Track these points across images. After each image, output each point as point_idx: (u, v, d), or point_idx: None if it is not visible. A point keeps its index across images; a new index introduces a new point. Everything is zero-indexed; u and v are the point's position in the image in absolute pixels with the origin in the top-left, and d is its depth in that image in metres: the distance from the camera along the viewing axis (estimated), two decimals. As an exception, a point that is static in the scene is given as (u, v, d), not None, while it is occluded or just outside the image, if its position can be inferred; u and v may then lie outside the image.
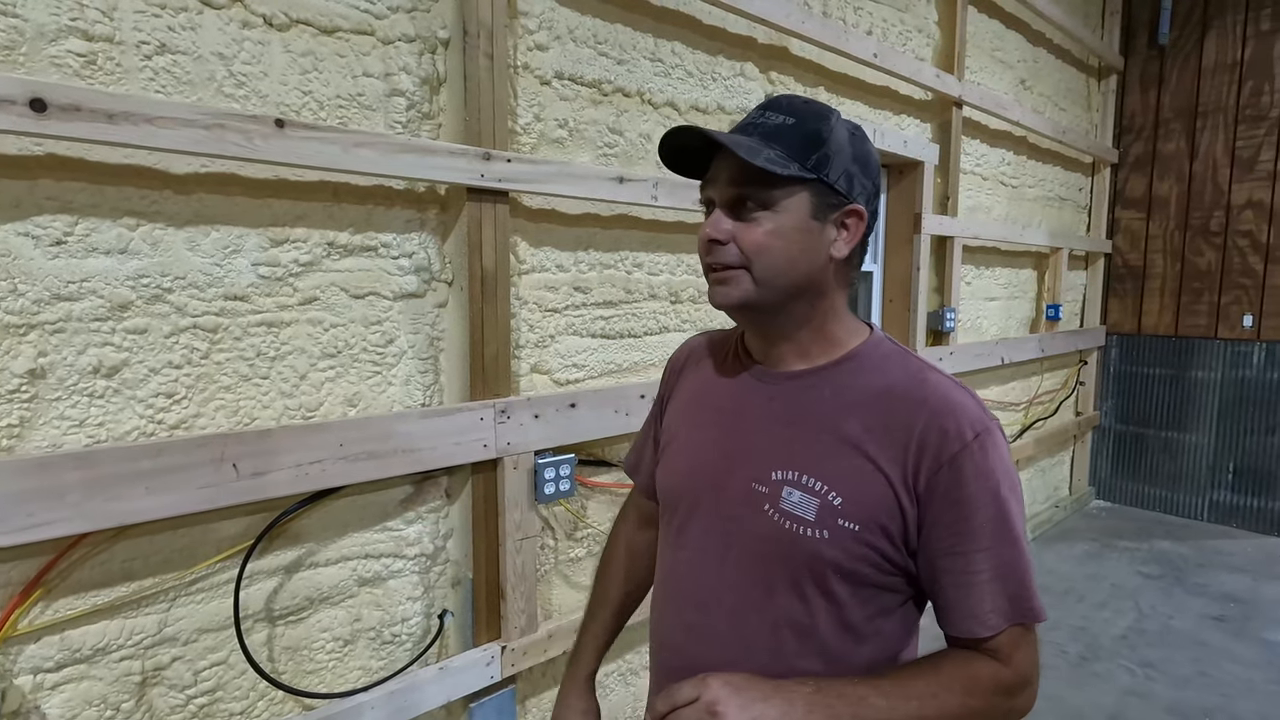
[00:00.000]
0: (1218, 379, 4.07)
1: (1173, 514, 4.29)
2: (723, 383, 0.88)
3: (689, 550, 0.84)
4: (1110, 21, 4.17)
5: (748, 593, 0.79)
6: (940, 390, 0.75)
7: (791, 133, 0.75)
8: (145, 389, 1.16)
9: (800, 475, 0.75)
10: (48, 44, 1.04)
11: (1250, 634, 2.88)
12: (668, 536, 0.89)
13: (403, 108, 1.41)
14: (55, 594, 1.10)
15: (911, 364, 0.79)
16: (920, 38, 2.81)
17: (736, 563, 0.79)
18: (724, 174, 0.77)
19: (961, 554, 0.71)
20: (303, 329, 1.32)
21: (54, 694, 1.11)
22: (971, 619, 0.71)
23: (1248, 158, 3.89)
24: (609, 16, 1.76)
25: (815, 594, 0.75)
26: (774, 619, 0.77)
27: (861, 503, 0.72)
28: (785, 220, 0.75)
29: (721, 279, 0.78)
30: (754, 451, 0.80)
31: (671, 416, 0.94)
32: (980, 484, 0.71)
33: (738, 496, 0.79)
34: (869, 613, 0.75)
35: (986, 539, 0.71)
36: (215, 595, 1.26)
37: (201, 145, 1.11)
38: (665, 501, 0.90)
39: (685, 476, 0.86)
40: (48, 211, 1.06)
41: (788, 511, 0.75)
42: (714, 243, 0.76)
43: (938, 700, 0.68)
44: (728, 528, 0.80)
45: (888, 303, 2.95)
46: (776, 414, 0.81)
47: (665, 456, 0.91)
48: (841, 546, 0.72)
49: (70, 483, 1.04)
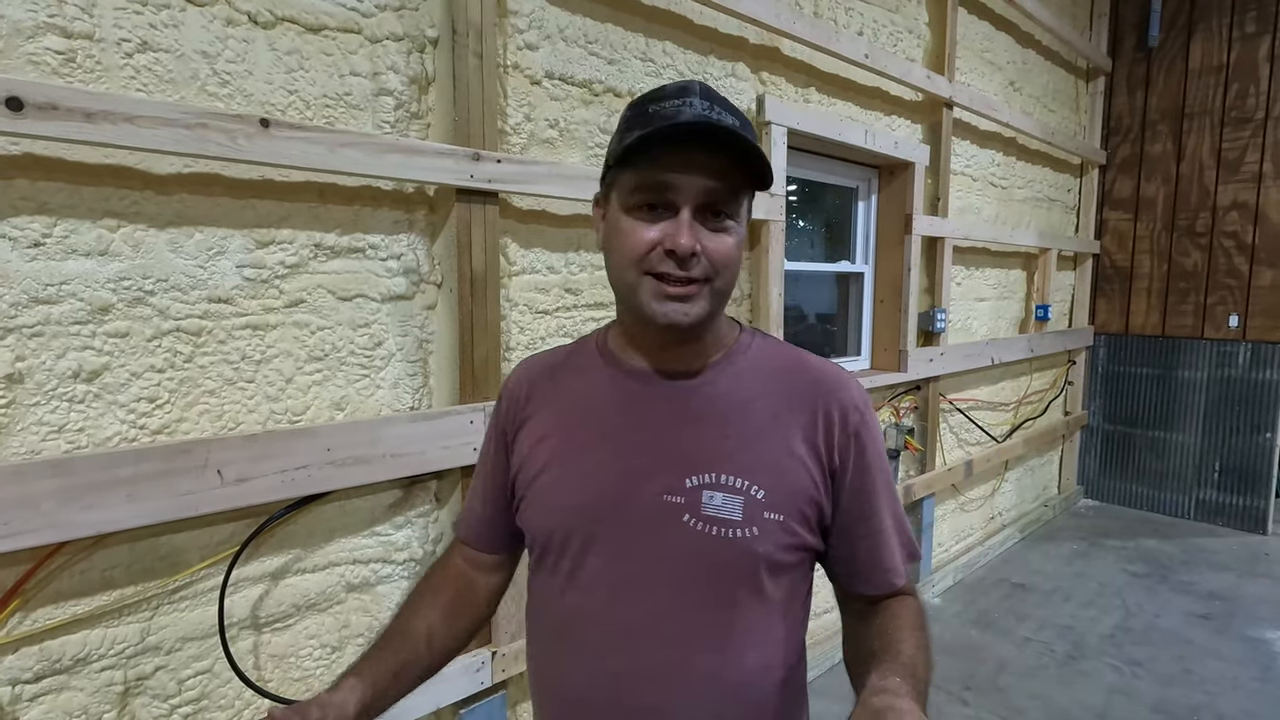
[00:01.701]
0: (1204, 379, 4.11)
1: (1159, 513, 4.34)
2: (603, 398, 0.78)
3: (592, 591, 0.74)
4: (1098, 24, 4.20)
5: (683, 616, 0.72)
6: (824, 369, 0.79)
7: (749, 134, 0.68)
8: (127, 393, 1.14)
9: (718, 475, 0.72)
10: (25, 41, 1.01)
11: (1234, 631, 2.91)
12: (553, 583, 0.77)
13: (391, 107, 1.39)
14: (33, 604, 1.08)
15: (786, 348, 0.82)
16: (911, 39, 2.81)
17: (665, 586, 0.72)
18: (699, 177, 0.67)
19: (870, 517, 0.77)
20: (289, 332, 1.30)
21: (33, 705, 1.08)
22: (889, 573, 0.78)
23: (1233, 159, 3.93)
24: (599, 16, 1.75)
25: (749, 594, 0.73)
26: (716, 633, 0.72)
27: (783, 491, 0.73)
28: (743, 230, 0.74)
29: (687, 294, 0.69)
30: (660, 462, 0.73)
31: (531, 451, 0.80)
32: (874, 450, 0.78)
33: (648, 515, 0.72)
34: (785, 595, 0.76)
35: (884, 498, 0.78)
36: (199, 603, 1.24)
37: (184, 145, 1.09)
38: (546, 544, 0.77)
39: (573, 511, 0.75)
40: (24, 213, 1.03)
41: (711, 516, 0.71)
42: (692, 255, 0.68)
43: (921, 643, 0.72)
44: (642, 551, 0.72)
45: (879, 303, 2.95)
46: (679, 416, 0.75)
47: (536, 495, 0.78)
48: (771, 540, 0.72)
49: (47, 490, 1.01)
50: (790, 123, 2.21)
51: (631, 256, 0.69)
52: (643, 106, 0.71)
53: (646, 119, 0.68)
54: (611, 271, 0.74)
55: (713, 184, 0.68)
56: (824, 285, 2.98)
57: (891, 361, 2.92)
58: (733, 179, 0.69)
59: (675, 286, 0.69)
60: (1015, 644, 2.80)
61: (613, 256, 0.73)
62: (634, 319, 0.75)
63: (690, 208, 0.68)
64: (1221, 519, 4.11)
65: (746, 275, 2.24)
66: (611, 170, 0.72)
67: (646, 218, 0.69)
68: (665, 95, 0.70)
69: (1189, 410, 4.17)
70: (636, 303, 0.71)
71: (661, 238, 0.68)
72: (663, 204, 0.69)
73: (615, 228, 0.72)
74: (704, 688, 0.73)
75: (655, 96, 0.71)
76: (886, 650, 0.70)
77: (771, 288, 2.21)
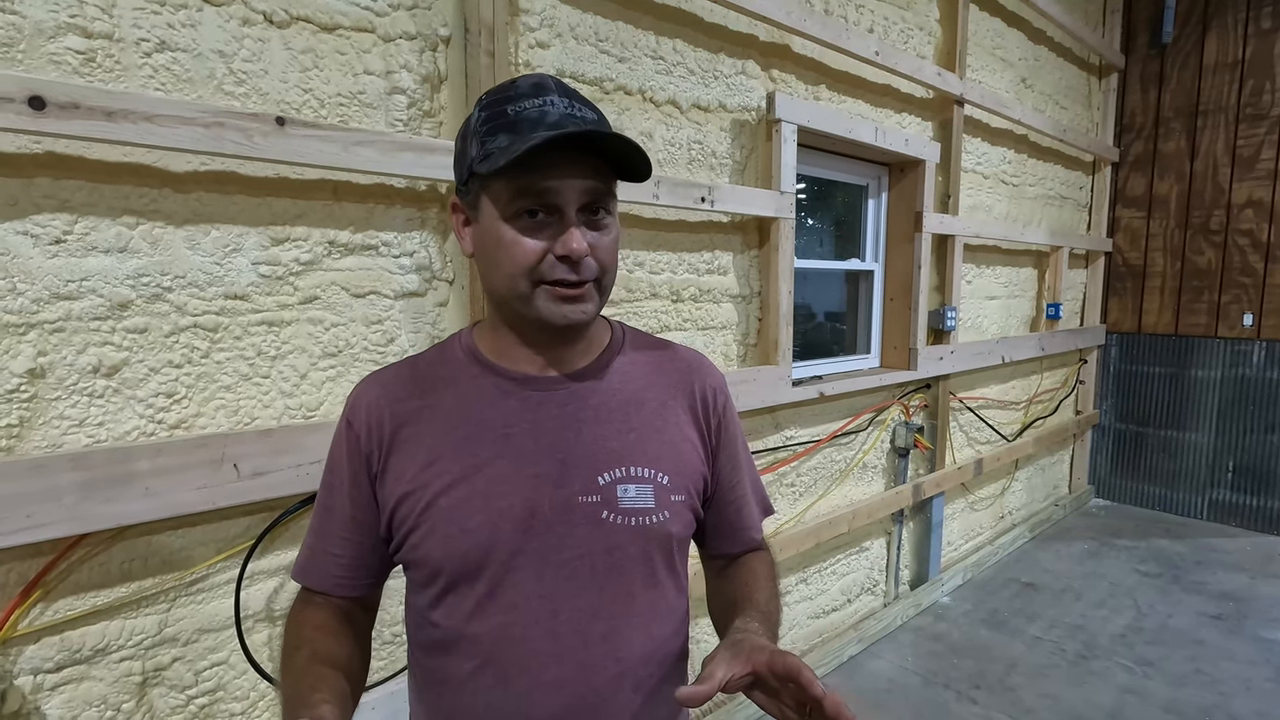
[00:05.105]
0: (1217, 378, 4.07)
1: (1172, 513, 4.30)
2: (493, 407, 0.74)
3: (519, 607, 0.71)
4: (1111, 20, 4.16)
5: (614, 609, 0.74)
6: (688, 353, 0.86)
7: (608, 127, 0.69)
8: (145, 388, 1.16)
9: (629, 468, 0.75)
10: (46, 41, 1.03)
11: (1247, 632, 2.88)
12: (462, 609, 0.72)
13: (403, 106, 1.40)
14: (54, 595, 1.10)
15: (650, 336, 0.87)
16: (921, 35, 2.80)
17: (594, 585, 0.73)
18: (580, 180, 0.67)
19: (736, 483, 0.86)
20: (303, 328, 1.32)
21: (54, 695, 1.10)
22: (749, 530, 0.88)
23: (1248, 156, 3.89)
24: (610, 14, 1.76)
25: (666, 573, 0.79)
26: (644, 617, 0.76)
27: (681, 473, 0.79)
28: (618, 224, 0.75)
29: (580, 295, 0.70)
30: (570, 463, 0.73)
31: (418, 477, 0.73)
32: (735, 419, 0.87)
33: (567, 518, 0.72)
34: (685, 565, 0.83)
35: (744, 463, 0.88)
36: (216, 596, 1.26)
37: (201, 143, 1.10)
38: (457, 570, 0.72)
39: (487, 529, 0.71)
40: (46, 210, 1.05)
41: (628, 509, 0.74)
42: (586, 258, 0.68)
43: (773, 592, 0.82)
44: (568, 555, 0.72)
45: (888, 301, 2.95)
46: (579, 416, 0.75)
47: (437, 522, 0.72)
48: (680, 520, 0.78)
49: (68, 484, 1.03)
50: (800, 120, 2.21)
51: (523, 266, 0.68)
52: (499, 108, 0.68)
53: (511, 123, 0.66)
54: (497, 281, 0.71)
55: (594, 183, 0.68)
56: (833, 283, 2.98)
57: (901, 360, 2.91)
58: (608, 176, 0.70)
59: (570, 289, 0.69)
60: (1025, 643, 2.79)
61: (500, 268, 0.69)
62: (526, 325, 0.73)
63: (574, 209, 0.68)
64: (1235, 519, 4.07)
65: (756, 273, 2.24)
66: (477, 178, 0.69)
67: (530, 226, 0.68)
68: (521, 94, 0.68)
69: (1202, 409, 4.14)
70: (532, 310, 0.70)
71: (551, 244, 0.68)
72: (546, 208, 0.67)
73: (495, 238, 0.69)
74: (641, 670, 0.76)
75: (510, 96, 0.68)
76: (746, 600, 0.79)
77: (781, 285, 2.21)
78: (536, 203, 0.67)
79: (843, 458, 2.71)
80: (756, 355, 2.28)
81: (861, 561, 2.88)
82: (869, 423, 2.80)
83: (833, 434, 2.61)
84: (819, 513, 2.57)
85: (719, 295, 2.13)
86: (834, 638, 2.70)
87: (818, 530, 2.47)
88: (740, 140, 2.13)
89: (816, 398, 2.43)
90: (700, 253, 2.06)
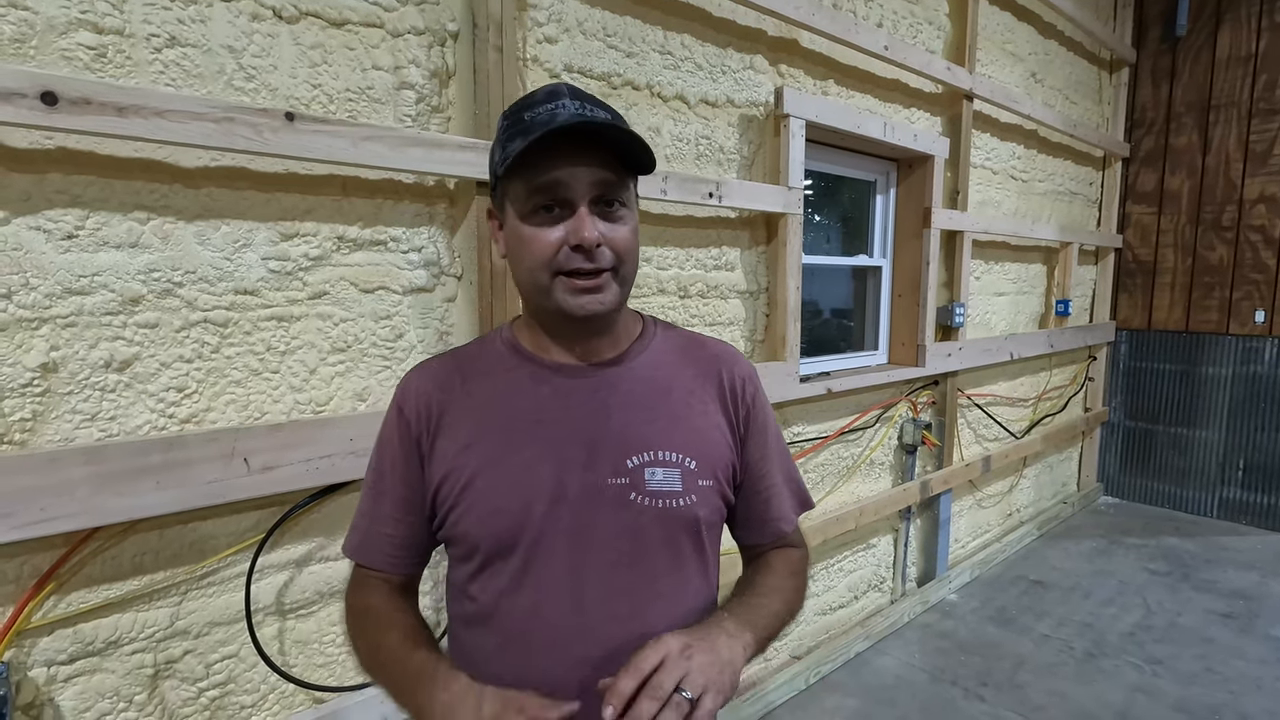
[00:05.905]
0: (1229, 375, 4.04)
1: (1181, 510, 4.27)
2: (528, 395, 0.79)
3: (550, 585, 0.75)
4: (1122, 14, 4.13)
5: (642, 587, 0.76)
6: (718, 345, 0.89)
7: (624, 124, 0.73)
8: (156, 383, 1.16)
9: (657, 452, 0.77)
10: (58, 37, 1.03)
11: (1258, 631, 2.87)
12: (498, 585, 0.76)
13: (412, 101, 1.40)
14: (67, 588, 1.10)
15: (681, 330, 0.90)
16: (931, 30, 2.79)
17: (623, 564, 0.75)
18: (588, 171, 0.70)
19: (766, 473, 0.87)
20: (312, 323, 1.32)
21: (67, 686, 1.11)
22: (779, 521, 0.88)
23: (1261, 151, 3.85)
24: (618, 9, 1.75)
25: (693, 553, 0.80)
26: (671, 596, 0.78)
27: (709, 458, 0.81)
28: (635, 217, 0.78)
29: (598, 285, 0.73)
30: (599, 448, 0.76)
31: (457, 459, 0.78)
32: (767, 410, 0.88)
33: (596, 499, 0.75)
34: (713, 548, 0.84)
35: (777, 454, 0.88)
36: (226, 589, 1.26)
37: (211, 139, 1.10)
38: (492, 547, 0.76)
39: (519, 509, 0.75)
40: (58, 205, 1.06)
41: (656, 491, 0.76)
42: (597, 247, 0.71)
43: (789, 590, 0.84)
44: (597, 535, 0.75)
45: (896, 297, 2.94)
46: (609, 403, 0.78)
47: (472, 501, 0.76)
48: (707, 504, 0.80)
49: (80, 477, 1.04)
50: (809, 115, 2.20)
51: (541, 260, 0.72)
52: (517, 115, 0.73)
53: (525, 127, 0.70)
54: (522, 277, 0.76)
55: (603, 174, 0.71)
56: (841, 279, 2.97)
57: (909, 356, 2.90)
58: (618, 168, 0.72)
59: (586, 280, 0.72)
60: (1034, 641, 2.78)
61: (522, 264, 0.74)
62: (550, 317, 0.78)
63: (586, 201, 0.71)
64: (1245, 517, 4.04)
65: (764, 269, 2.23)
66: (501, 183, 0.75)
67: (546, 220, 0.72)
68: (536, 101, 0.73)
69: (1213, 407, 4.11)
70: (553, 302, 0.74)
71: (565, 235, 0.71)
72: (559, 202, 0.71)
73: (518, 237, 0.74)
74: None
75: (527, 104, 0.73)
76: (742, 592, 0.82)
77: (789, 281, 2.21)
78: (549, 197, 0.71)
79: (850, 454, 2.70)
80: (764, 351, 2.27)
81: (869, 558, 2.88)
82: (876, 419, 2.79)
83: (840, 430, 2.60)
84: (826, 509, 2.57)
85: (726, 291, 2.13)
86: (841, 634, 2.69)
87: (825, 527, 2.47)
88: (748, 135, 2.12)
89: (824, 394, 2.43)
90: (708, 248, 2.06)
